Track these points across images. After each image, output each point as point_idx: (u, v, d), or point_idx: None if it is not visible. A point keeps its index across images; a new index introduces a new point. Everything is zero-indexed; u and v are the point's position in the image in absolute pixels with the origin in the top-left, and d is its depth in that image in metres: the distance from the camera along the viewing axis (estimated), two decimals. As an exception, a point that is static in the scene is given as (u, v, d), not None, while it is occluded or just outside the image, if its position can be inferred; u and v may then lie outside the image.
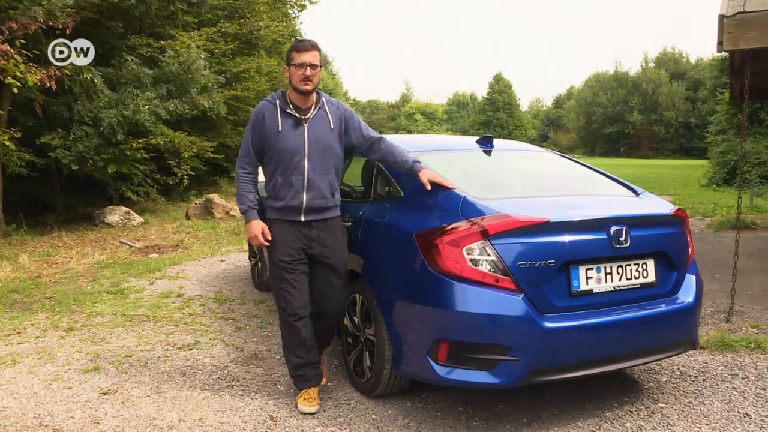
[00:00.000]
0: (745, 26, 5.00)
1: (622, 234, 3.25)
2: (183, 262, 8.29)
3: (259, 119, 3.56)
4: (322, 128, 3.56)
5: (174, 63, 11.62)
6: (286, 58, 3.57)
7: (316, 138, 3.52)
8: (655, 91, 66.25)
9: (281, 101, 3.56)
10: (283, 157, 3.50)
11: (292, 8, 19.45)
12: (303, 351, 3.65)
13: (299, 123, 3.52)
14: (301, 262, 3.58)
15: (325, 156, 3.55)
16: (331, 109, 3.63)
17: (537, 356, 3.05)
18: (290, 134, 3.50)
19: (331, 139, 3.58)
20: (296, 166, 3.49)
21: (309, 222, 3.56)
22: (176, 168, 13.20)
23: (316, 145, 3.52)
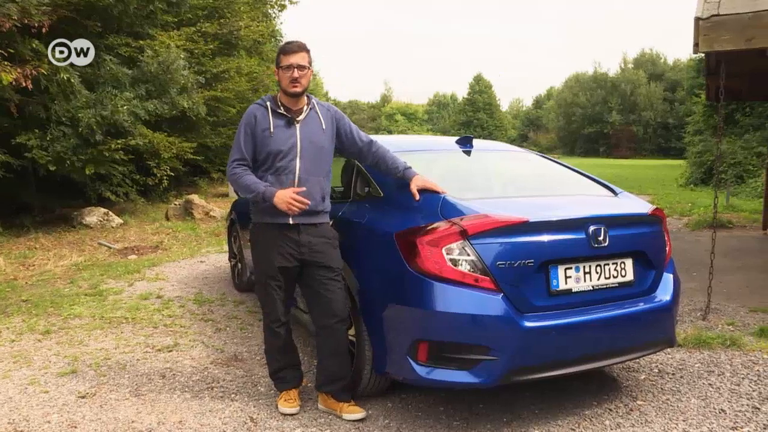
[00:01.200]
0: (720, 29, 5.07)
1: (601, 233, 3.28)
2: (162, 264, 8.22)
3: (250, 120, 3.48)
4: (315, 129, 3.50)
5: (153, 63, 11.52)
6: (275, 61, 3.52)
7: (309, 138, 3.45)
8: (633, 92, 66.95)
9: (272, 103, 3.50)
10: (273, 157, 3.42)
11: (272, 8, 19.41)
12: (284, 354, 3.64)
13: (291, 123, 3.46)
14: (287, 268, 3.46)
15: (317, 157, 3.48)
16: (322, 111, 3.57)
17: (516, 355, 3.06)
18: (282, 134, 3.43)
19: (323, 140, 3.52)
20: (287, 165, 3.41)
21: (297, 225, 3.42)
22: (156, 169, 13.09)
23: (309, 145, 3.45)
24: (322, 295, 3.45)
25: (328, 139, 3.55)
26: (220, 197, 16.84)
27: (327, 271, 3.45)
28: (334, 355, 3.49)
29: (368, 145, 3.66)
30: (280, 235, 3.44)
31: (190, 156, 14.18)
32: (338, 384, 3.50)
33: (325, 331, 3.49)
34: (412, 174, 3.52)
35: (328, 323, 3.45)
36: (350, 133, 3.65)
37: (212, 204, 13.85)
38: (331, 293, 3.44)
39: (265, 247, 3.49)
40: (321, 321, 3.49)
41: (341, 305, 3.46)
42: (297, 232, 3.43)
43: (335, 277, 3.47)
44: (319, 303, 3.48)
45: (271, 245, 3.46)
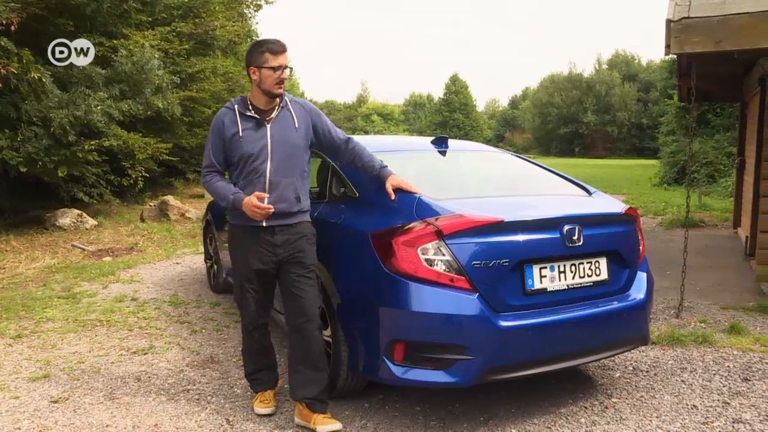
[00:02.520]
0: (690, 31, 5.16)
1: (575, 233, 3.31)
2: (137, 266, 8.15)
3: (218, 126, 3.39)
4: (286, 128, 3.39)
5: (127, 63, 11.37)
6: (252, 59, 3.34)
7: (281, 139, 3.35)
8: (608, 93, 67.66)
9: (240, 105, 3.39)
10: (245, 161, 3.33)
11: (248, 8, 19.28)
12: (260, 356, 3.62)
13: (260, 124, 3.35)
14: (263, 270, 3.39)
15: (289, 158, 3.37)
16: (295, 108, 3.46)
17: (492, 355, 3.08)
18: (251, 137, 3.33)
19: (296, 138, 3.40)
20: (258, 168, 3.31)
21: (272, 227, 3.34)
22: (131, 170, 12.94)
23: (280, 146, 3.34)
24: (292, 293, 3.37)
25: (302, 137, 3.44)
26: (195, 198, 16.71)
27: (299, 267, 3.37)
28: (305, 358, 3.37)
29: (345, 142, 3.59)
30: (256, 237, 3.36)
31: (165, 157, 14.03)
32: (311, 389, 3.35)
33: (295, 331, 3.40)
34: (387, 173, 3.49)
35: (297, 322, 3.36)
36: (327, 130, 3.56)
37: (188, 205, 13.73)
38: (301, 291, 3.35)
39: (241, 250, 3.44)
40: (291, 320, 3.42)
41: (311, 304, 3.36)
42: (272, 234, 3.35)
43: (307, 275, 3.38)
44: (289, 301, 3.41)
45: (246, 248, 3.40)
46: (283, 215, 3.34)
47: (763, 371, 4.13)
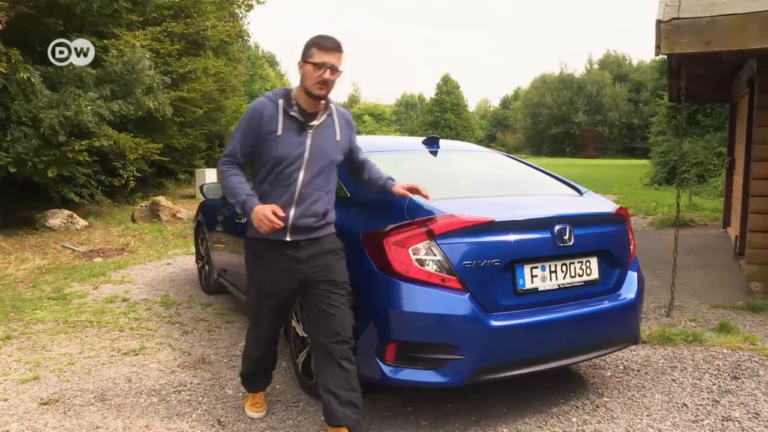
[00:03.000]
0: (680, 32, 5.19)
1: (566, 233, 3.32)
2: (128, 266, 8.12)
3: (255, 118, 3.05)
4: (328, 138, 3.11)
5: (118, 63, 11.34)
6: (303, 52, 3.03)
7: (320, 148, 3.06)
8: (599, 93, 67.94)
9: (284, 101, 3.07)
10: (276, 165, 3.03)
11: (240, 8, 19.23)
12: (260, 365, 3.54)
13: (303, 129, 3.04)
14: (285, 289, 3.15)
15: (325, 171, 3.10)
16: (339, 118, 3.19)
17: (483, 355, 3.09)
18: (291, 140, 3.02)
19: (335, 152, 3.14)
20: (289, 176, 3.02)
21: (297, 242, 3.07)
22: (122, 170, 12.90)
23: (318, 156, 3.06)
24: (322, 310, 3.08)
25: (340, 152, 3.19)
26: (187, 198, 16.68)
27: (328, 285, 3.09)
28: (338, 379, 3.02)
29: (363, 163, 3.39)
30: (279, 252, 3.08)
31: (156, 157, 14.01)
32: (350, 413, 3.03)
33: (323, 350, 3.08)
34: (391, 185, 3.30)
35: (325, 342, 3.05)
36: (355, 147, 3.33)
37: (179, 205, 13.70)
38: (332, 308, 3.06)
39: (262, 265, 3.17)
40: (319, 339, 3.10)
41: (342, 323, 3.06)
42: (296, 248, 3.07)
43: (339, 291, 3.10)
44: (318, 319, 3.12)
45: (268, 263, 3.13)
46: (306, 230, 3.08)
47: (752, 369, 4.16)
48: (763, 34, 5.03)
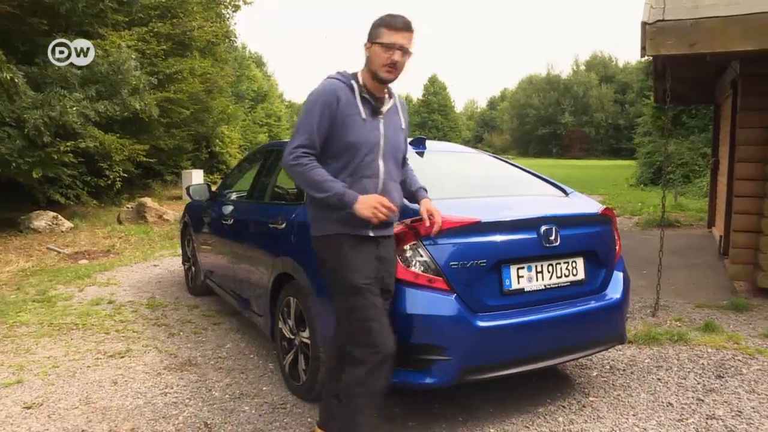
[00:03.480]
0: (665, 33, 5.23)
1: (552, 233, 3.33)
2: (114, 268, 8.07)
3: (331, 99, 2.77)
4: (396, 126, 2.96)
5: (104, 63, 11.25)
6: (369, 32, 2.83)
7: (391, 135, 2.90)
8: (585, 94, 68.29)
9: (357, 83, 2.86)
10: (355, 153, 2.80)
11: (226, 8, 19.19)
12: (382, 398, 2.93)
13: (376, 113, 2.87)
14: (376, 285, 2.87)
15: (396, 160, 2.99)
16: (401, 106, 3.03)
17: (470, 355, 3.09)
18: (369, 125, 2.83)
19: (401, 141, 3.00)
20: (369, 165, 2.82)
21: (377, 239, 2.89)
22: (108, 170, 12.83)
23: (391, 143, 2.90)
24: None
25: (404, 140, 3.04)
26: (173, 200, 16.61)
27: (387, 294, 2.97)
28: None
29: (405, 162, 3.18)
30: (361, 248, 2.85)
31: (142, 158, 13.95)
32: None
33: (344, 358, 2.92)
34: (422, 195, 3.15)
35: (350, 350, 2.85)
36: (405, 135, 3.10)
37: (166, 207, 13.64)
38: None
39: (351, 260, 2.82)
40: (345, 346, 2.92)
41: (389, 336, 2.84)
42: (376, 245, 2.89)
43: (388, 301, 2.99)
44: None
45: (357, 257, 2.83)
46: (387, 225, 2.93)
47: (735, 368, 4.20)
48: (745, 37, 5.08)
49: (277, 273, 3.93)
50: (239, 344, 4.84)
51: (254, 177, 5.13)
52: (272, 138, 34.09)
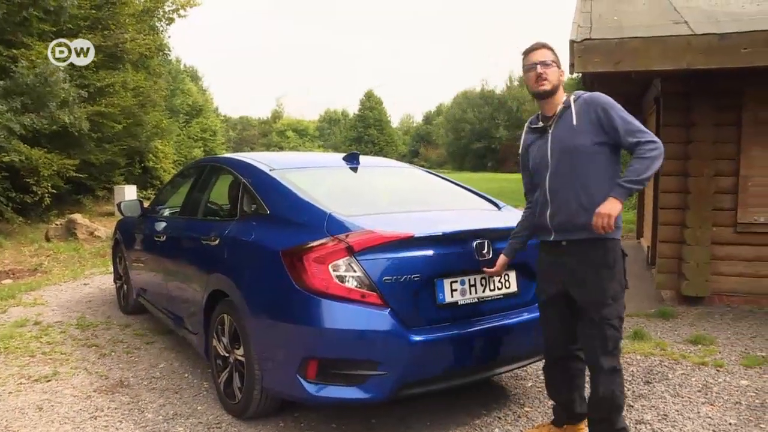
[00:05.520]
0: (591, 52, 5.43)
1: (485, 247, 3.39)
2: (42, 288, 7.78)
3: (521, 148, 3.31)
4: (565, 129, 3.02)
5: (29, 74, 10.89)
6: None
7: (558, 141, 3.03)
8: (519, 109, 69.46)
9: (533, 119, 3.25)
10: (533, 173, 3.19)
11: (160, 21, 18.87)
12: (554, 392, 3.36)
13: (544, 132, 3.11)
14: (549, 293, 3.15)
15: (568, 161, 2.98)
16: (578, 105, 3.02)
17: (406, 370, 3.10)
18: (533, 150, 3.17)
19: (575, 139, 2.97)
20: (540, 177, 3.10)
21: (559, 242, 3.05)
22: (35, 186, 12.38)
23: (559, 149, 3.01)
24: (581, 336, 3.08)
25: (582, 135, 2.96)
26: (106, 216, 16.13)
27: (582, 312, 3.03)
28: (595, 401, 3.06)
29: (637, 146, 2.89)
30: (548, 257, 3.18)
31: (72, 173, 13.53)
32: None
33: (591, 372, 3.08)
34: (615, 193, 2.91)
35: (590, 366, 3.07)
36: (613, 127, 2.92)
37: (97, 223, 13.26)
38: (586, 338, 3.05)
39: (538, 272, 3.29)
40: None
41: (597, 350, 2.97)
42: (560, 250, 3.08)
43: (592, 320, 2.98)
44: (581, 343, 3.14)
45: (540, 269, 3.26)
46: (565, 228, 3.01)
47: (662, 374, 4.35)
48: (663, 57, 5.34)
49: (211, 290, 3.87)
50: (173, 363, 4.73)
51: (187, 193, 5.05)
52: (207, 153, 33.60)
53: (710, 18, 5.85)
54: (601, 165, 2.96)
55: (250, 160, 4.29)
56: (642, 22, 6.10)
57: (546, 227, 3.08)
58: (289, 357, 3.19)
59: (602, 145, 2.95)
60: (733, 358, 4.69)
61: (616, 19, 6.25)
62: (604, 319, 2.93)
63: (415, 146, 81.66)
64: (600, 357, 2.95)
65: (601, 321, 2.93)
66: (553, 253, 3.10)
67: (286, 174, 3.85)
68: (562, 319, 3.15)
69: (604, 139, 2.94)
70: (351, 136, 73.02)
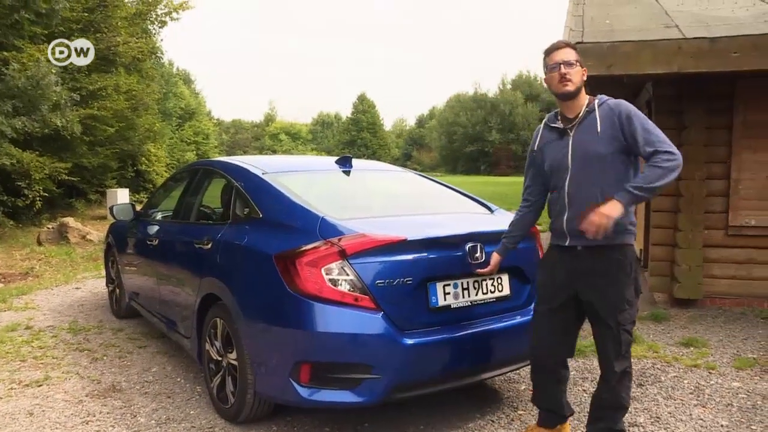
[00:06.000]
0: (584, 55, 5.37)
1: (477, 250, 3.39)
2: (33, 292, 7.73)
3: (531, 143, 3.28)
4: (589, 134, 2.98)
5: (21, 77, 10.83)
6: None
7: (580, 146, 2.99)
8: (512, 112, 69.75)
9: (551, 117, 3.18)
10: (550, 174, 3.13)
11: (153, 24, 18.85)
12: (545, 398, 3.33)
13: (563, 134, 3.06)
14: (556, 299, 3.12)
15: (591, 168, 2.96)
16: (603, 111, 2.99)
17: (398, 373, 3.10)
18: (550, 150, 3.11)
19: (598, 146, 2.95)
20: (559, 180, 3.06)
21: (574, 248, 3.03)
22: (27, 190, 12.32)
23: (580, 154, 2.99)
24: (596, 341, 3.13)
25: (605, 144, 2.94)
26: (98, 220, 16.07)
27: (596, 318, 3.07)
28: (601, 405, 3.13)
29: (648, 155, 2.87)
30: (558, 260, 3.17)
31: (64, 177, 13.47)
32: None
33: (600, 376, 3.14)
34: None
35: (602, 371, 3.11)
36: (632, 135, 2.90)
37: (90, 227, 13.20)
38: (601, 343, 3.09)
39: (540, 274, 3.30)
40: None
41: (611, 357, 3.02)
42: (574, 256, 3.06)
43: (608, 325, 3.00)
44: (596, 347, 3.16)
45: (544, 272, 3.26)
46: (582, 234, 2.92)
47: (654, 376, 4.37)
48: (655, 60, 5.37)
49: (204, 294, 3.86)
50: (166, 367, 4.71)
51: (180, 196, 5.04)
52: (200, 156, 33.56)
53: (701, 22, 5.89)
54: (621, 172, 2.95)
55: (242, 163, 4.29)
56: (634, 25, 6.13)
57: (561, 231, 3.07)
58: (281, 361, 3.19)
59: (622, 153, 2.94)
60: (725, 360, 4.71)
61: (608, 22, 6.28)
62: (619, 325, 2.95)
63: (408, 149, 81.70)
64: (614, 361, 2.99)
65: (617, 326, 2.95)
66: (567, 258, 3.08)
67: (278, 177, 3.85)
68: (565, 327, 3.17)
69: (623, 147, 2.93)
70: (344, 140, 73.06)
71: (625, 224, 2.96)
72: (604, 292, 2.97)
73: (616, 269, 2.95)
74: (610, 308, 2.95)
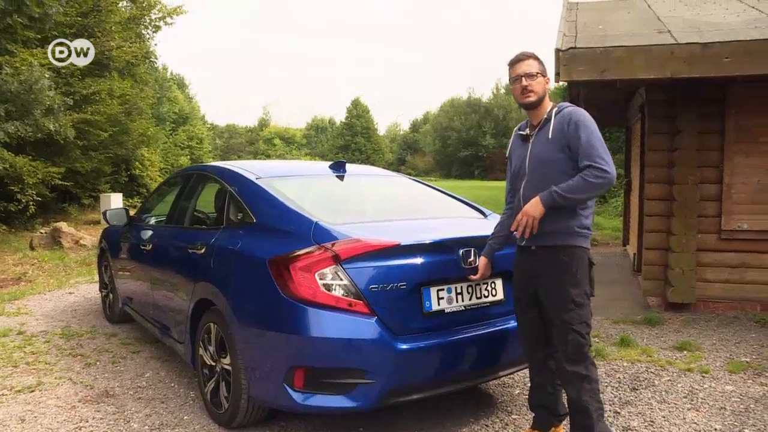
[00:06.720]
0: (577, 60, 5.48)
1: (471, 255, 3.40)
2: (26, 297, 7.70)
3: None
4: (542, 141, 3.11)
5: (13, 81, 10.78)
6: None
7: (536, 152, 3.13)
8: (505, 117, 69.75)
9: (522, 125, 3.33)
10: (514, 178, 3.28)
11: (146, 28, 18.82)
12: (538, 395, 3.39)
13: (526, 140, 3.22)
14: (522, 299, 3.24)
15: (542, 172, 3.07)
16: (558, 118, 3.08)
17: (392, 378, 3.10)
18: (515, 155, 3.29)
19: (549, 152, 3.06)
20: (517, 183, 3.23)
21: (529, 248, 3.14)
22: (20, 194, 12.27)
23: (535, 160, 3.12)
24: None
25: (555, 149, 3.04)
26: (91, 224, 16.01)
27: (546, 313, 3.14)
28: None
29: (580, 169, 2.98)
30: (520, 259, 3.31)
31: (58, 181, 13.42)
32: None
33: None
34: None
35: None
36: (575, 146, 2.98)
37: (83, 232, 13.15)
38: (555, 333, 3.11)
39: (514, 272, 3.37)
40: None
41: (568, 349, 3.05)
42: (529, 255, 3.17)
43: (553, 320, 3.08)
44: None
45: (515, 270, 3.35)
46: (533, 235, 3.06)
47: (648, 380, 4.38)
48: (648, 65, 5.40)
49: (197, 299, 3.85)
50: (159, 373, 4.70)
51: (174, 201, 5.03)
52: (194, 161, 33.50)
53: (693, 27, 5.93)
54: (572, 177, 2.99)
55: (236, 168, 4.29)
56: (626, 31, 6.17)
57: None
58: (275, 366, 3.18)
59: (571, 159, 3.02)
60: (718, 364, 4.72)
61: (601, 28, 6.32)
62: (565, 323, 3.02)
63: (402, 154, 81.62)
64: (563, 362, 3.06)
65: (562, 324, 3.03)
66: (525, 258, 3.20)
67: (272, 182, 3.85)
68: (534, 323, 3.23)
69: (572, 154, 3.00)
70: (338, 144, 72.93)
71: (573, 226, 3.06)
72: (549, 291, 3.08)
73: (560, 270, 3.04)
74: (556, 307, 3.05)
